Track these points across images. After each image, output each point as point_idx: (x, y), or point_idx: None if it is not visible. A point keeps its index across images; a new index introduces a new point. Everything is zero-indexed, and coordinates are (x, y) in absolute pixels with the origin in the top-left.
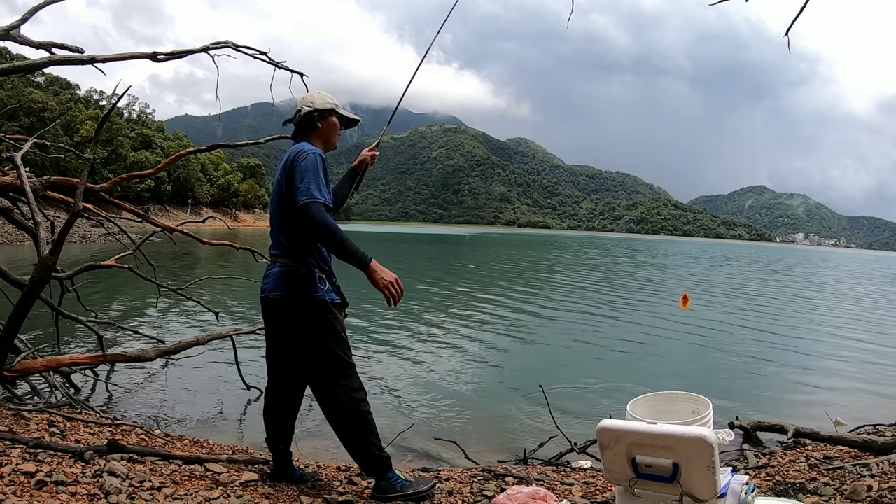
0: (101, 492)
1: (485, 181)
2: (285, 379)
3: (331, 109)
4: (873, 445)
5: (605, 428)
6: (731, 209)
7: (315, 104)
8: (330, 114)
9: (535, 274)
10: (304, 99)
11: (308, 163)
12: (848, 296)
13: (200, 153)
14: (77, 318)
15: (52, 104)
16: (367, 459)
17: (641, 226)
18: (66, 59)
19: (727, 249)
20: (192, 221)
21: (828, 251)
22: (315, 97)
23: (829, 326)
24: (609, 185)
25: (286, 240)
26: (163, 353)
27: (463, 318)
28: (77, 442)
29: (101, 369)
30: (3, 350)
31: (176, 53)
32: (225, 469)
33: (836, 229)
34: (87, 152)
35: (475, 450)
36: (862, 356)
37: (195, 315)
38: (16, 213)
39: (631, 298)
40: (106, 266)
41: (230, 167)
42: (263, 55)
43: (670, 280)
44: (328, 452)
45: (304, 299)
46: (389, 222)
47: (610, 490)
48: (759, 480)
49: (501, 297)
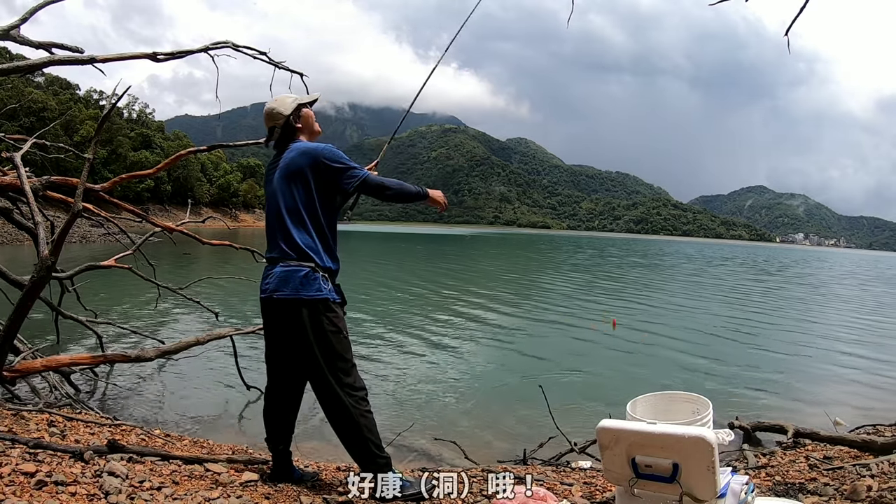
0: (100, 492)
1: (485, 181)
2: (285, 379)
3: (297, 107)
4: (873, 445)
5: (605, 428)
6: (730, 209)
7: (284, 112)
8: (299, 109)
9: (536, 274)
10: (270, 116)
11: (334, 154)
12: (845, 296)
13: (200, 153)
14: (77, 318)
15: (52, 104)
16: (367, 459)
17: (641, 226)
18: (66, 59)
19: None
20: (191, 221)
21: (827, 251)
22: (278, 107)
23: (828, 327)
24: (609, 185)
25: (295, 240)
26: (163, 353)
27: (463, 318)
28: (77, 442)
29: (101, 369)
30: (3, 350)
31: (176, 53)
32: (225, 469)
33: (835, 229)
34: (86, 152)
35: (475, 450)
36: (862, 356)
37: (195, 315)
38: (16, 213)
39: (630, 298)
40: (106, 266)
41: (230, 167)
42: (263, 55)
43: (663, 282)
44: (328, 452)
45: (308, 298)
46: (389, 222)
47: (610, 490)
48: (759, 480)
49: (501, 298)
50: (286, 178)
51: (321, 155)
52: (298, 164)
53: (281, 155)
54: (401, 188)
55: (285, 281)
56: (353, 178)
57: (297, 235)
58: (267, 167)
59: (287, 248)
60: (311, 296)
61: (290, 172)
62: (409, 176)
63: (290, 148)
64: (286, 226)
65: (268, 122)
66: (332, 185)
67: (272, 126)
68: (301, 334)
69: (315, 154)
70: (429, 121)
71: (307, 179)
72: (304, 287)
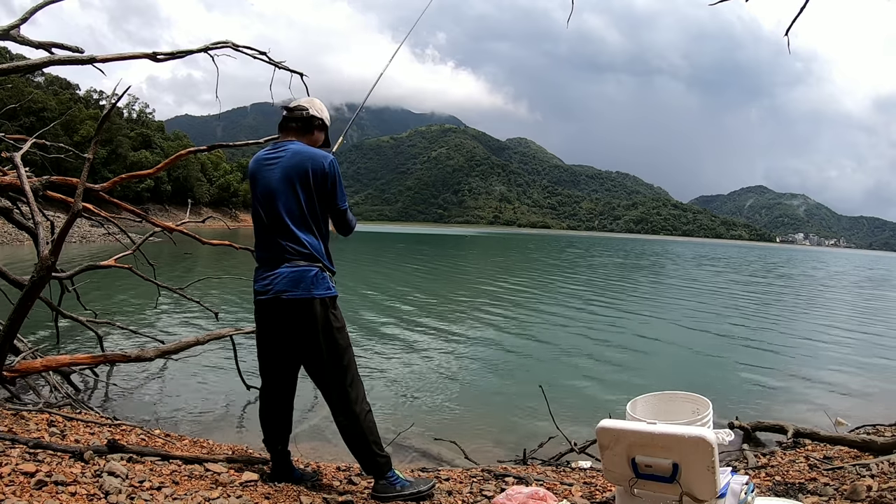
0: (100, 492)
1: (485, 181)
2: (281, 380)
3: (327, 127)
4: (873, 445)
5: (605, 428)
6: (730, 209)
7: (323, 116)
8: (324, 130)
9: (536, 275)
10: (313, 103)
11: (338, 173)
12: (846, 297)
13: (200, 153)
14: (77, 317)
15: (52, 104)
16: (368, 458)
17: (641, 226)
18: (66, 58)
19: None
20: (192, 221)
21: (826, 251)
22: (323, 109)
23: (827, 327)
24: (609, 185)
25: (302, 241)
26: (163, 353)
27: (462, 318)
28: (77, 442)
29: (100, 369)
30: (3, 350)
31: (176, 53)
32: (225, 469)
33: (835, 229)
34: (86, 152)
35: (475, 450)
36: (862, 357)
37: (195, 315)
38: (16, 213)
39: (630, 299)
40: (106, 266)
41: (230, 167)
42: (263, 55)
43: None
44: (328, 452)
45: (319, 297)
46: (389, 222)
47: (610, 490)
48: (758, 480)
49: (501, 298)
50: (289, 179)
51: (329, 167)
52: (304, 167)
53: (278, 149)
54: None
55: (296, 282)
56: (344, 202)
57: (303, 237)
58: (256, 160)
59: (293, 249)
60: (322, 294)
61: (296, 174)
62: (409, 176)
63: (295, 148)
64: (289, 227)
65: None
66: (328, 198)
67: (304, 108)
68: (311, 332)
69: (323, 164)
70: (428, 121)
71: (310, 184)
72: (315, 286)
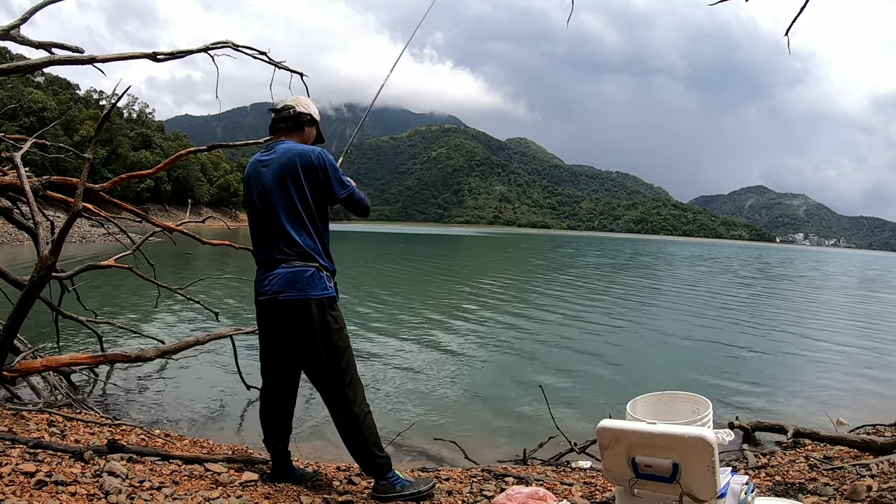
0: (100, 492)
1: (485, 181)
2: (282, 380)
3: (317, 122)
4: (873, 445)
5: (605, 428)
6: (731, 209)
7: (311, 111)
8: (314, 124)
9: (535, 275)
10: (298, 100)
11: (328, 160)
12: (845, 297)
13: (200, 153)
14: (77, 317)
15: (52, 104)
16: (368, 459)
17: (641, 226)
18: (66, 58)
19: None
20: (191, 221)
21: (826, 251)
22: (310, 104)
23: (828, 327)
24: (609, 185)
25: (297, 242)
26: (163, 353)
27: (462, 318)
28: (77, 442)
29: (101, 369)
30: (3, 350)
31: (176, 53)
32: (225, 469)
33: (835, 229)
34: (86, 152)
35: (475, 450)
36: (861, 357)
37: (195, 315)
38: (16, 213)
39: (630, 299)
40: (106, 266)
41: (230, 167)
42: (263, 55)
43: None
44: (328, 452)
45: (315, 297)
46: (389, 222)
47: (610, 490)
48: (758, 480)
49: (501, 298)
50: (281, 179)
51: (316, 159)
52: (293, 164)
53: (270, 151)
54: (369, 208)
55: (292, 282)
56: (343, 188)
57: (298, 237)
58: (252, 163)
59: (288, 249)
60: (318, 295)
61: (287, 172)
62: (409, 176)
63: (284, 147)
64: (284, 228)
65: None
66: (323, 190)
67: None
68: (308, 333)
69: (310, 157)
70: (427, 120)
71: (301, 181)
72: (311, 287)
